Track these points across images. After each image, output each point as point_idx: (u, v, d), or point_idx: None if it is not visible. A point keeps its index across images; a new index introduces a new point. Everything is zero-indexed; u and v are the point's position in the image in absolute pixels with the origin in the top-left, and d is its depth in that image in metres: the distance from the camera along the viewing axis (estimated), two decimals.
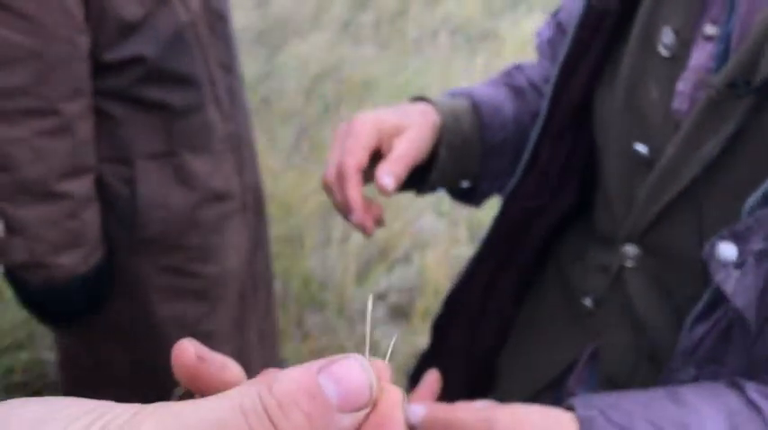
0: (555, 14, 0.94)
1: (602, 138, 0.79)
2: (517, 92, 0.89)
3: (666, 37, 0.69)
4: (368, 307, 0.34)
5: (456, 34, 4.65)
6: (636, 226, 0.73)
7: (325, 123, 3.62)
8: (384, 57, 4.38)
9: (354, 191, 0.73)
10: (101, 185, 1.19)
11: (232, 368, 0.33)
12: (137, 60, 1.15)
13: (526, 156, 0.83)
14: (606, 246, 0.80)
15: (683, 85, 0.68)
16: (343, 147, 0.75)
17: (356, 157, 0.74)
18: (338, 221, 2.74)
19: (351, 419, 0.26)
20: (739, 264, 0.60)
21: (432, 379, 0.74)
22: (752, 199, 0.60)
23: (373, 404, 0.27)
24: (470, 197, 0.91)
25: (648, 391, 0.64)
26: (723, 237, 0.60)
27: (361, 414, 0.26)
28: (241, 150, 1.34)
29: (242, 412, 0.24)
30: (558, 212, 0.86)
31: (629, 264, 0.76)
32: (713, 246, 0.61)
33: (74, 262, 1.13)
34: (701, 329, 0.64)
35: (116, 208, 1.21)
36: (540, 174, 0.83)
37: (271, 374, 0.26)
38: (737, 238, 0.60)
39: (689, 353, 0.65)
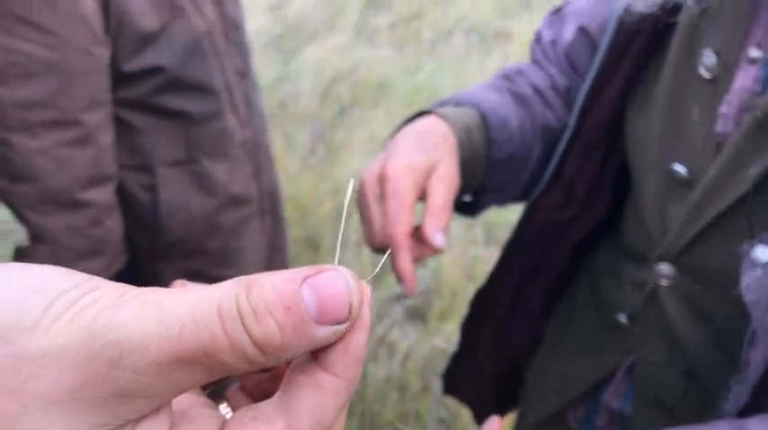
0: (556, 12, 0.92)
1: (637, 158, 0.78)
2: (521, 100, 0.87)
3: (708, 59, 0.68)
4: (348, 190, 0.32)
5: (470, 35, 4.65)
6: (672, 246, 0.72)
7: (341, 125, 3.63)
8: (399, 58, 4.39)
9: (406, 262, 0.72)
10: (122, 193, 1.21)
11: None
12: (155, 70, 1.18)
13: (551, 168, 0.82)
14: (640, 264, 0.79)
15: (727, 108, 0.67)
16: (386, 209, 0.72)
17: (403, 224, 0.72)
18: (354, 223, 2.76)
19: (326, 332, 0.26)
20: (766, 265, 0.60)
21: (493, 426, 0.72)
22: None
23: (352, 322, 0.27)
24: (469, 209, 0.90)
25: (714, 425, 0.63)
26: (763, 241, 0.61)
27: (338, 328, 0.26)
28: (258, 155, 1.36)
29: (218, 314, 0.25)
30: (588, 226, 0.86)
31: (663, 282, 0.75)
32: (751, 246, 0.61)
33: (97, 268, 1.15)
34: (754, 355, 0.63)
35: (138, 215, 1.23)
36: (566, 188, 0.82)
37: (257, 277, 0.26)
38: None
39: (741, 381, 0.64)
